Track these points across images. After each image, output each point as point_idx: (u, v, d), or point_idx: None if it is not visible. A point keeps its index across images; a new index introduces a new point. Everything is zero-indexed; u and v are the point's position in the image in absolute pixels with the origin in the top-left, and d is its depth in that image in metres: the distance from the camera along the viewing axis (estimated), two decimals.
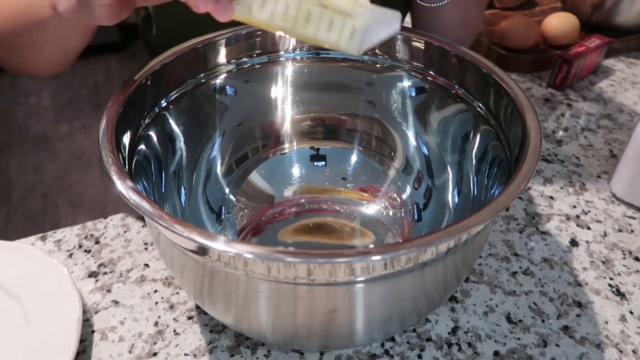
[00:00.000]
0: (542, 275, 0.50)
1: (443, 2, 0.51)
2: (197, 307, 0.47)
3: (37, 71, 0.52)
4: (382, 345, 0.44)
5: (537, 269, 0.51)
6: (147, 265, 0.51)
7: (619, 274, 0.51)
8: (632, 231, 0.55)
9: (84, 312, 0.46)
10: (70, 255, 0.52)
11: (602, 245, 0.54)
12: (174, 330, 0.45)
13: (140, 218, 0.55)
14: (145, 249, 0.52)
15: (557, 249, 0.53)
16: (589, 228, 0.56)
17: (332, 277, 0.32)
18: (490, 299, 0.48)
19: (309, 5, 0.33)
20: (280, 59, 0.53)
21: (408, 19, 0.67)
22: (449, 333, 0.45)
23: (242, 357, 0.43)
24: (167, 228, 0.30)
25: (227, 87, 0.52)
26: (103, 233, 0.54)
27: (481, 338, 0.45)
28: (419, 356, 0.44)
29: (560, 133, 0.69)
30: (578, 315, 0.47)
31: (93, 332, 0.45)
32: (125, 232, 0.54)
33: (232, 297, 0.36)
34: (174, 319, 0.46)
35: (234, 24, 0.36)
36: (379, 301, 0.35)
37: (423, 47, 0.50)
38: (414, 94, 0.52)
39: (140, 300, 0.48)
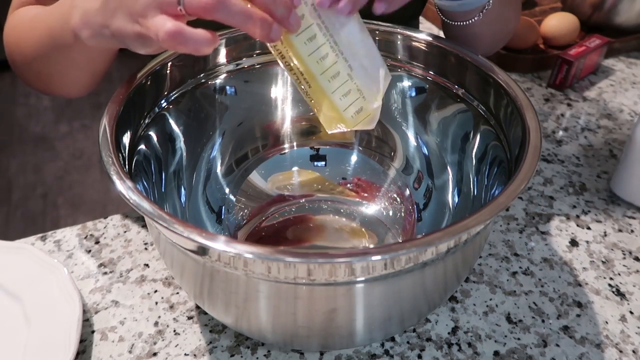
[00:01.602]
0: (542, 275, 0.50)
1: (470, 21, 0.50)
2: (197, 307, 0.47)
3: (66, 93, 0.53)
4: (382, 345, 0.44)
5: (537, 269, 0.51)
6: (147, 265, 0.51)
7: (619, 274, 0.51)
8: (632, 231, 0.55)
9: (84, 312, 0.46)
10: (70, 255, 0.52)
11: (602, 245, 0.54)
12: (174, 330, 0.45)
13: (140, 218, 0.55)
14: (145, 249, 0.52)
15: (557, 249, 0.53)
16: (589, 228, 0.56)
17: (332, 277, 0.32)
18: (490, 299, 0.48)
19: (340, 68, 0.39)
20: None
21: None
22: (449, 333, 0.45)
23: (242, 357, 0.43)
24: (167, 228, 0.30)
25: (227, 87, 0.52)
26: (103, 233, 0.54)
27: (481, 338, 0.45)
28: (419, 356, 0.44)
29: (560, 133, 0.69)
30: (578, 315, 0.47)
31: (93, 332, 0.45)
32: (125, 232, 0.54)
33: (232, 297, 0.36)
34: (174, 319, 0.46)
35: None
36: (379, 301, 0.35)
37: (423, 47, 0.50)
38: (414, 94, 0.52)
39: (140, 300, 0.48)
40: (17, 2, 0.54)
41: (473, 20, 0.50)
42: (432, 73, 0.50)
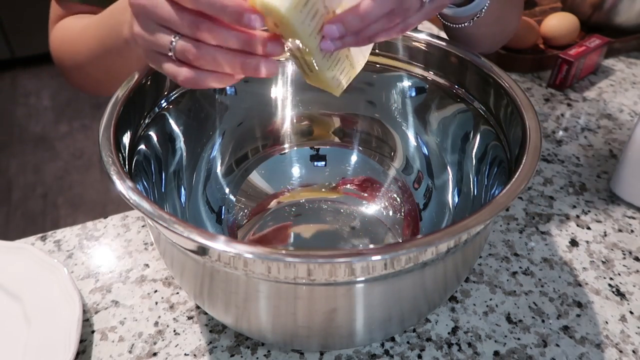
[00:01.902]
0: (542, 275, 0.50)
1: (465, 24, 0.50)
2: (197, 307, 0.47)
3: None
4: (382, 345, 0.44)
5: (537, 269, 0.51)
6: (147, 265, 0.51)
7: (619, 274, 0.51)
8: (632, 231, 0.55)
9: (84, 312, 0.46)
10: (70, 255, 0.52)
11: (602, 245, 0.54)
12: (174, 330, 0.45)
13: (140, 218, 0.55)
14: (145, 249, 0.52)
15: (557, 249, 0.53)
16: (589, 228, 0.56)
17: (332, 277, 0.32)
18: (490, 299, 0.48)
19: (341, 52, 0.37)
20: (280, 59, 0.53)
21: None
22: (449, 333, 0.45)
23: (242, 357, 0.43)
24: (167, 228, 0.30)
25: (227, 87, 0.52)
26: (103, 233, 0.54)
27: (481, 338, 0.45)
28: (419, 356, 0.44)
29: (560, 133, 0.69)
30: (578, 315, 0.47)
31: (93, 332, 0.45)
32: (125, 232, 0.54)
33: (232, 297, 0.36)
34: (174, 319, 0.46)
35: None
36: (379, 301, 0.35)
37: (423, 47, 0.50)
38: (414, 94, 0.52)
39: (140, 300, 0.48)
40: (54, 17, 0.58)
41: (467, 23, 0.50)
42: (432, 73, 0.50)
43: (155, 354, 0.43)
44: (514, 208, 0.58)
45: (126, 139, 0.41)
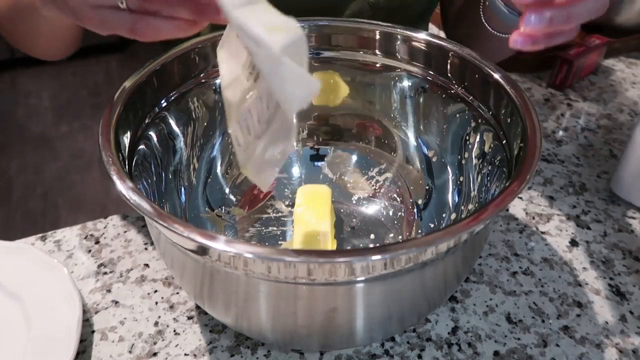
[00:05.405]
0: (542, 275, 0.50)
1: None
2: (197, 307, 0.47)
3: (41, 56, 0.56)
4: (382, 345, 0.44)
5: (537, 269, 0.51)
6: (147, 265, 0.51)
7: (619, 274, 0.51)
8: (632, 231, 0.55)
9: (84, 312, 0.46)
10: (70, 255, 0.52)
11: (602, 245, 0.54)
12: (174, 330, 0.45)
13: (140, 218, 0.55)
14: (145, 249, 0.52)
15: (557, 249, 0.53)
16: (589, 228, 0.56)
17: (332, 277, 0.32)
18: (490, 299, 0.48)
19: None
20: None
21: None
22: (449, 333, 0.45)
23: (242, 357, 0.43)
24: (167, 228, 0.30)
25: None
26: (103, 233, 0.54)
27: (481, 338, 0.45)
28: (419, 356, 0.44)
29: (560, 133, 0.69)
30: (578, 315, 0.47)
31: (93, 332, 0.45)
32: (125, 232, 0.54)
33: (232, 297, 0.36)
34: (174, 319, 0.46)
35: None
36: (379, 301, 0.35)
37: (423, 47, 0.50)
38: (414, 94, 0.52)
39: (140, 300, 0.48)
40: None
41: None
42: (432, 73, 0.50)
43: (155, 354, 0.43)
44: (514, 208, 0.58)
45: (126, 139, 0.40)
